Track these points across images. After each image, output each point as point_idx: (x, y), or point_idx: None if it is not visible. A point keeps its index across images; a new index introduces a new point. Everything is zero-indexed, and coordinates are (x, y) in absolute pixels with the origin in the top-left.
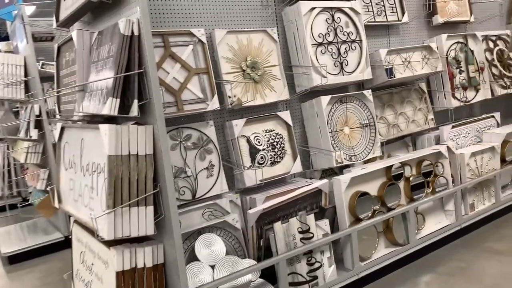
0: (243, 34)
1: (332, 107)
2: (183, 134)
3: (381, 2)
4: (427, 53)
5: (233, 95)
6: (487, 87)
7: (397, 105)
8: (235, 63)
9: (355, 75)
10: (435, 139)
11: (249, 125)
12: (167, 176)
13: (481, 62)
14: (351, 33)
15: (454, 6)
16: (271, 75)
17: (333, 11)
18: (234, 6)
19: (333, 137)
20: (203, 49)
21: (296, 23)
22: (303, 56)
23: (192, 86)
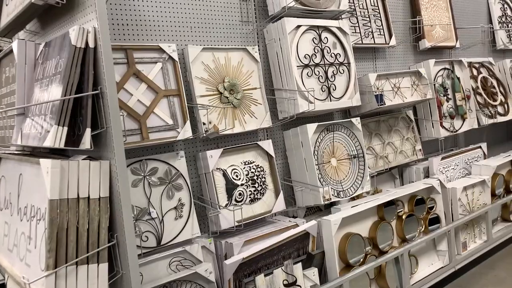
0: (221, 52)
1: (319, 136)
2: (148, 167)
3: (368, 23)
4: (416, 79)
5: (208, 122)
6: (473, 116)
7: (384, 134)
8: (211, 85)
9: (344, 101)
10: (423, 172)
11: (226, 156)
12: (126, 224)
13: (467, 90)
14: (339, 55)
15: (440, 31)
16: (251, 99)
17: (320, 30)
18: (211, 20)
19: (320, 170)
20: (174, 67)
21: (279, 42)
22: (288, 78)
23: (160, 111)
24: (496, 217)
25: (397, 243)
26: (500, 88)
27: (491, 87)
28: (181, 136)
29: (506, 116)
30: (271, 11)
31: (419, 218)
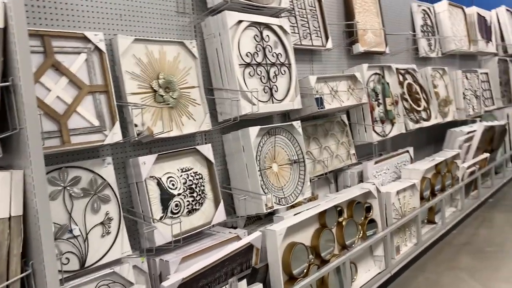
0: (155, 45)
1: (261, 140)
2: (69, 176)
3: (306, 24)
4: (352, 83)
5: (141, 123)
6: (401, 121)
7: (321, 139)
8: (144, 81)
9: (286, 104)
10: (358, 176)
11: (161, 163)
12: (45, 249)
13: (396, 95)
14: (280, 55)
15: (372, 36)
16: (189, 99)
17: (262, 27)
18: (144, 9)
19: (262, 176)
20: (101, 60)
21: (220, 37)
22: (229, 77)
23: (84, 110)
24: (423, 220)
25: (337, 250)
26: (423, 94)
27: (416, 93)
28: (109, 139)
29: (429, 121)
30: (210, 3)
31: (358, 224)
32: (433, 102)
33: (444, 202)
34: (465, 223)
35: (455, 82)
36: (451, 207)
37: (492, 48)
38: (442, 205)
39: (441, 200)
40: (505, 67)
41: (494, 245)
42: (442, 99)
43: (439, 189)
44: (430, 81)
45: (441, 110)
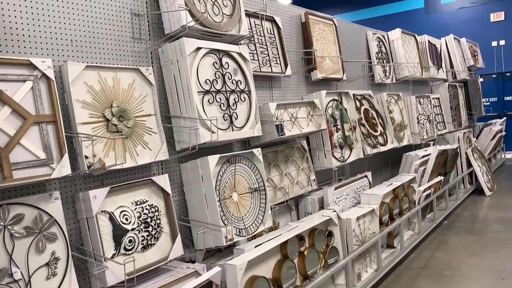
0: (108, 72)
1: (221, 169)
2: (10, 214)
3: (265, 51)
4: (311, 109)
5: (92, 155)
6: (359, 146)
7: (282, 165)
8: (95, 110)
9: (246, 131)
10: (318, 202)
11: (113, 196)
12: None
13: (354, 121)
14: (240, 82)
15: (329, 63)
16: (144, 128)
17: (221, 54)
18: (97, 34)
19: (222, 207)
20: (49, 88)
21: (178, 64)
22: (187, 105)
23: (28, 142)
24: (382, 244)
25: (299, 281)
26: (379, 120)
27: (372, 118)
28: (56, 173)
29: (386, 146)
30: (167, 29)
31: (319, 252)
32: (389, 127)
33: (402, 226)
34: (422, 246)
35: (409, 107)
36: (409, 230)
37: (442, 74)
38: (401, 229)
39: (399, 224)
40: (455, 93)
41: (451, 269)
42: (398, 124)
43: (397, 213)
44: (385, 106)
45: (397, 134)
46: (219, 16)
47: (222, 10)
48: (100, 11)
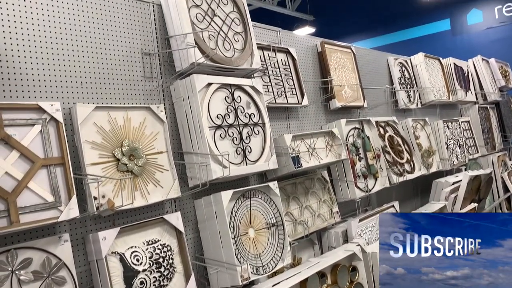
0: (119, 111)
1: (235, 205)
2: (18, 259)
3: (280, 82)
4: (330, 139)
5: (100, 196)
6: (385, 175)
7: (301, 197)
8: (105, 150)
9: (260, 165)
10: (342, 235)
11: (124, 237)
12: None
13: (377, 149)
14: (253, 115)
15: (349, 91)
16: (156, 165)
17: (233, 88)
18: (107, 75)
19: (237, 245)
20: (57, 130)
21: (189, 100)
22: (199, 141)
23: (36, 185)
24: None
25: None
26: (405, 146)
27: (398, 145)
28: (64, 216)
29: (413, 174)
30: (178, 67)
31: None
32: (416, 153)
33: None
34: None
35: (436, 132)
36: None
37: (471, 96)
38: None
39: None
40: (486, 115)
41: None
42: (425, 150)
43: None
44: (411, 132)
45: (425, 161)
46: (230, 51)
47: (233, 45)
48: (110, 52)
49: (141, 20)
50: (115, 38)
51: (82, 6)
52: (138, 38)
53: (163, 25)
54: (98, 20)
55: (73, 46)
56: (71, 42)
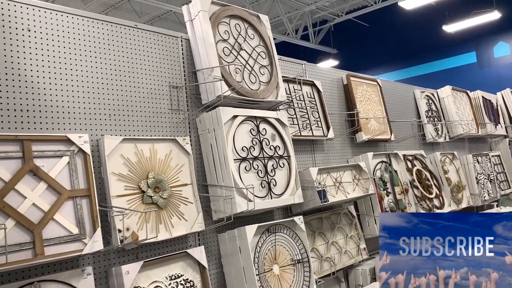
0: (145, 143)
1: (259, 240)
2: None
3: (305, 115)
4: (357, 173)
5: (125, 228)
6: (413, 210)
7: (328, 233)
8: (131, 182)
9: (285, 198)
10: (370, 273)
11: (147, 271)
12: None
13: (405, 183)
14: (278, 148)
15: (375, 124)
16: (180, 198)
17: (258, 121)
18: (135, 108)
19: (261, 282)
20: (85, 162)
21: (214, 133)
22: (224, 173)
23: (62, 217)
24: None
25: None
26: (434, 181)
27: (426, 180)
28: (88, 249)
29: (443, 209)
30: (204, 99)
31: None
32: (445, 188)
33: None
34: None
35: (466, 167)
36: None
37: (501, 130)
38: None
39: None
40: None
41: None
42: (455, 185)
43: None
44: (440, 166)
45: (454, 196)
46: (256, 84)
47: (259, 78)
48: (139, 85)
49: (169, 54)
50: (144, 71)
51: (112, 39)
52: (166, 72)
53: (191, 59)
54: (127, 53)
55: (102, 79)
56: (101, 75)
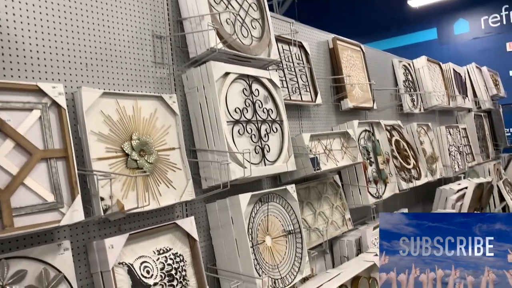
0: (128, 100)
1: (253, 210)
2: (9, 271)
3: (294, 78)
4: (345, 140)
5: (108, 196)
6: (394, 181)
7: (315, 203)
8: (113, 143)
9: (279, 166)
10: (356, 244)
11: (133, 245)
12: None
13: (386, 153)
14: (271, 111)
15: (359, 91)
16: (168, 163)
17: (250, 80)
18: (114, 57)
19: (255, 254)
20: (59, 118)
21: (204, 91)
22: (215, 137)
23: (34, 182)
24: None
25: None
26: (411, 152)
27: (404, 150)
28: (67, 219)
29: (420, 180)
30: (192, 53)
31: None
32: (421, 159)
33: None
34: None
35: (439, 138)
36: None
37: (469, 103)
38: None
39: None
40: (481, 123)
41: None
42: (429, 156)
43: None
44: (417, 137)
45: (429, 167)
46: (248, 38)
47: (250, 32)
48: (119, 31)
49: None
50: (124, 15)
51: None
52: (149, 18)
53: (176, 5)
54: None
55: (78, 22)
56: (76, 18)
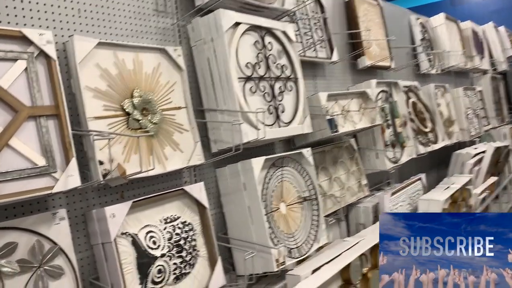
0: (128, 52)
1: (267, 175)
2: None
3: (309, 32)
4: (363, 101)
5: (108, 160)
6: (411, 145)
7: (330, 168)
8: (112, 101)
9: (294, 127)
10: (372, 211)
11: (137, 213)
12: None
13: (404, 116)
14: (285, 67)
15: (376, 49)
16: (174, 124)
17: (263, 32)
18: (112, 2)
19: (270, 222)
20: (49, 69)
21: (212, 43)
22: (226, 95)
23: (21, 143)
24: None
25: None
26: (428, 114)
27: (421, 113)
28: (61, 186)
29: (438, 144)
30: (198, 0)
31: None
32: (438, 122)
33: None
34: None
35: (456, 100)
36: None
37: (486, 64)
38: None
39: None
40: (496, 85)
41: None
42: (446, 119)
43: None
44: (434, 99)
45: (446, 131)
46: None
47: None
48: None
49: None
50: None
51: None
52: None
53: None
54: None
55: None
56: None
